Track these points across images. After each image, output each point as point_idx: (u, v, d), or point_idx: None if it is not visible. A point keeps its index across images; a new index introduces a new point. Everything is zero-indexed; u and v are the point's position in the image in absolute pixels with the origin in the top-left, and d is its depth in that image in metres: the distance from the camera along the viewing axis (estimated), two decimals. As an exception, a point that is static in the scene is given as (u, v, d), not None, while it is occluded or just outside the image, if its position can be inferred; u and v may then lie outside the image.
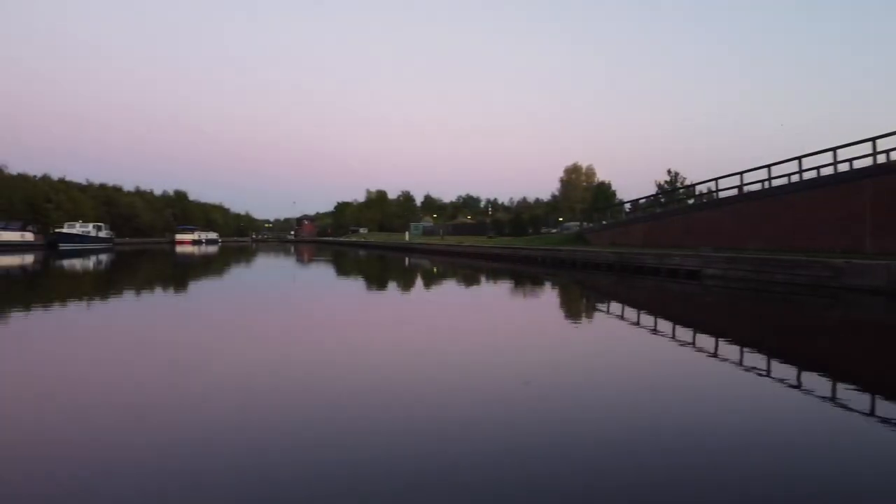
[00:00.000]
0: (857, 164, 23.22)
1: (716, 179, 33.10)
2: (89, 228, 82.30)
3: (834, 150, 24.04)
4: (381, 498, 3.72)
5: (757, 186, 29.12)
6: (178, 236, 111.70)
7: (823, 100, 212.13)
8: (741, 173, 29.93)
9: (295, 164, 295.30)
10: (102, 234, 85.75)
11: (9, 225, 69.65)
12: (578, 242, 43.45)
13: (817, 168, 25.20)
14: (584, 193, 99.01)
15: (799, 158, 25.85)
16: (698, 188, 46.66)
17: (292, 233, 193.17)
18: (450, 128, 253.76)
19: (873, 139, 22.05)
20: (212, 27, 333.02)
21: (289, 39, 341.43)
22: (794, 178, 26.35)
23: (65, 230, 77.06)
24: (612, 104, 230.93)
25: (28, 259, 45.49)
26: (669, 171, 78.88)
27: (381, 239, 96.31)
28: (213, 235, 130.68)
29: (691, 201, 43.35)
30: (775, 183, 27.65)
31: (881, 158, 22.01)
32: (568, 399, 6.25)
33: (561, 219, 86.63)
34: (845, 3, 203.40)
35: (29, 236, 70.56)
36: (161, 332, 11.20)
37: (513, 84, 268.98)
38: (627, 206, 49.06)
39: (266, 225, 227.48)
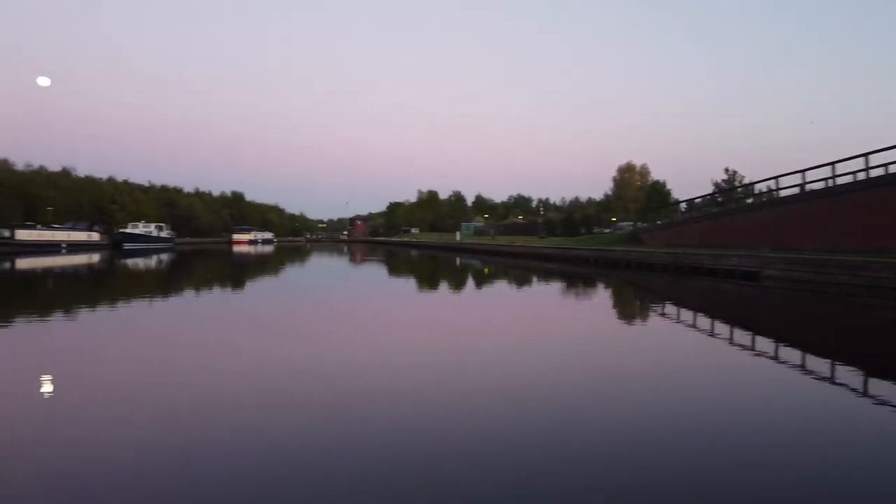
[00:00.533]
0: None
1: (776, 178, 32.05)
2: (151, 229, 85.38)
3: (904, 145, 22.94)
4: (385, 497, 3.75)
5: (820, 185, 28.03)
6: (235, 236, 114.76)
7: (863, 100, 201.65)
8: (803, 171, 28.87)
9: (348, 165, 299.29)
10: (164, 234, 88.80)
11: (77, 225, 73.06)
12: (632, 243, 42.73)
13: (885, 165, 24.08)
14: (637, 193, 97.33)
15: (866, 155, 24.76)
16: (757, 187, 45.29)
17: (345, 233, 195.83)
18: (499, 127, 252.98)
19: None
20: (266, 31, 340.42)
21: (341, 41, 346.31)
22: (861, 176, 25.23)
23: (128, 230, 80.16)
24: (667, 102, 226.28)
25: (94, 258, 47.43)
26: (727, 170, 76.90)
27: (432, 239, 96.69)
28: (268, 235, 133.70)
29: (750, 200, 42.10)
30: (839, 181, 26.56)
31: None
32: (610, 402, 6.14)
33: (614, 219, 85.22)
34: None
35: (95, 236, 73.67)
36: (203, 332, 11.49)
37: (563, 82, 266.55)
38: (683, 205, 47.99)
39: (320, 225, 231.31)
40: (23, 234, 59.96)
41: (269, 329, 11.50)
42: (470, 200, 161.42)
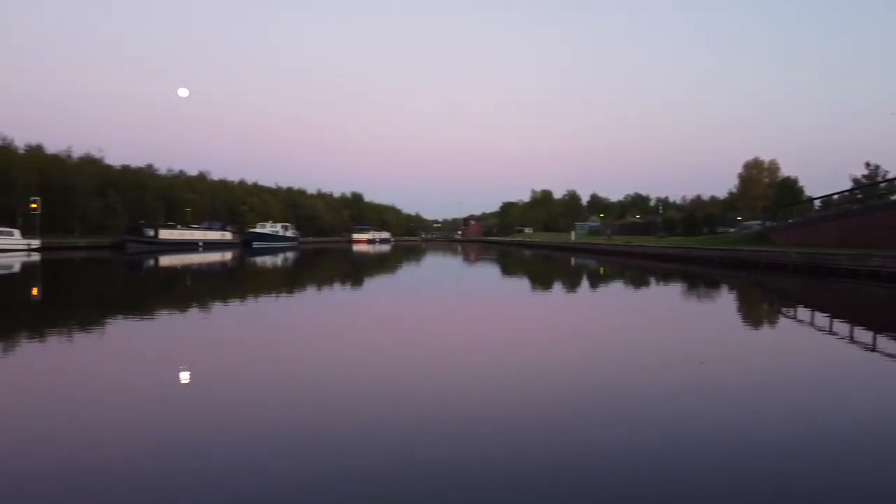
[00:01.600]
0: None
1: (928, 171, 29.13)
2: (278, 228, 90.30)
3: None
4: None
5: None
6: (355, 236, 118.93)
7: None
8: (961, 164, 26.06)
9: (462, 166, 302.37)
10: (289, 233, 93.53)
11: (212, 225, 78.79)
12: (760, 242, 40.33)
13: None
14: (765, 190, 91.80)
15: None
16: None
17: (459, 232, 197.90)
18: (615, 124, 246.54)
19: None
20: (380, 33, 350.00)
21: (453, 47, 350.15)
22: None
23: (257, 230, 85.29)
24: (798, 92, 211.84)
25: (227, 256, 50.75)
26: (868, 164, 71.11)
27: (545, 239, 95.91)
28: (385, 235, 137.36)
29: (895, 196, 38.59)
30: None
31: None
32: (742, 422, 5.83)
33: (740, 217, 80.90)
34: None
35: (228, 235, 78.99)
36: (321, 327, 11.98)
37: (684, 76, 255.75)
38: (817, 202, 44.82)
39: (434, 225, 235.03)
40: (165, 234, 65.35)
41: (382, 327, 11.86)
42: (585, 200, 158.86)
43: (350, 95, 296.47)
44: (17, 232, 52.70)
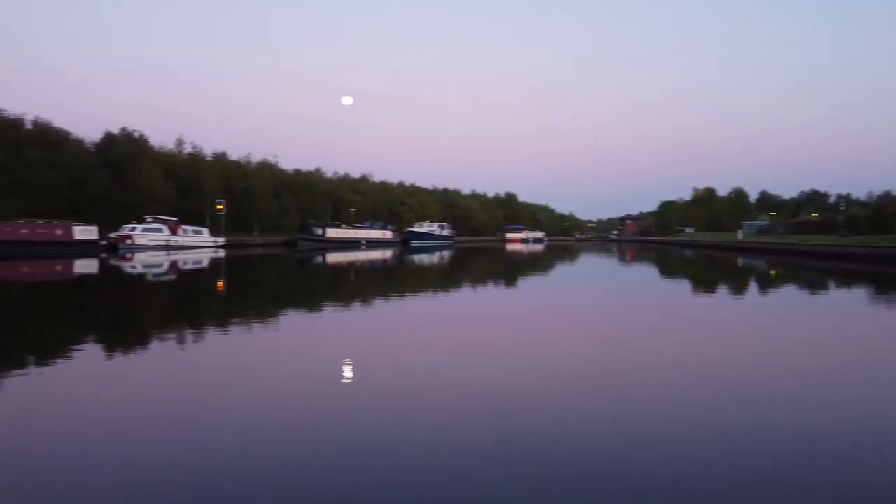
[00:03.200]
0: None
1: None
2: (434, 227, 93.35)
3: None
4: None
5: None
6: (508, 235, 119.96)
7: None
8: None
9: (619, 164, 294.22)
10: (445, 232, 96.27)
11: (374, 224, 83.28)
12: (965, 242, 35.58)
13: None
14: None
15: None
16: None
17: (615, 232, 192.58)
18: (788, 117, 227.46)
19: None
20: (525, 45, 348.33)
21: (607, 44, 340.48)
22: None
23: (415, 229, 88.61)
24: None
25: (388, 254, 53.18)
26: None
27: (708, 238, 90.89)
28: (539, 235, 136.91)
29: None
30: None
31: None
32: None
33: (941, 214, 71.61)
34: None
35: (388, 234, 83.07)
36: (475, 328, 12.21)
37: (866, 62, 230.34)
38: None
39: (589, 224, 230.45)
40: (332, 233, 69.97)
41: (532, 328, 11.93)
42: (753, 197, 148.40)
43: (503, 99, 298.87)
44: (206, 231, 58.84)
